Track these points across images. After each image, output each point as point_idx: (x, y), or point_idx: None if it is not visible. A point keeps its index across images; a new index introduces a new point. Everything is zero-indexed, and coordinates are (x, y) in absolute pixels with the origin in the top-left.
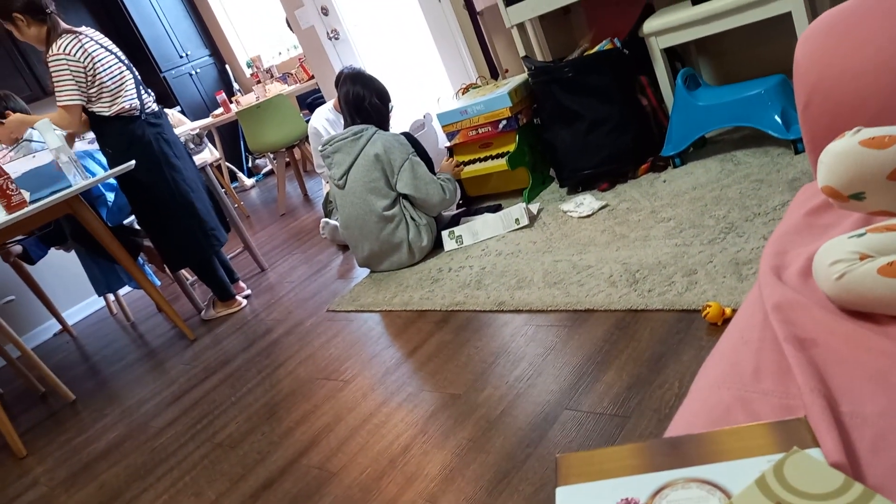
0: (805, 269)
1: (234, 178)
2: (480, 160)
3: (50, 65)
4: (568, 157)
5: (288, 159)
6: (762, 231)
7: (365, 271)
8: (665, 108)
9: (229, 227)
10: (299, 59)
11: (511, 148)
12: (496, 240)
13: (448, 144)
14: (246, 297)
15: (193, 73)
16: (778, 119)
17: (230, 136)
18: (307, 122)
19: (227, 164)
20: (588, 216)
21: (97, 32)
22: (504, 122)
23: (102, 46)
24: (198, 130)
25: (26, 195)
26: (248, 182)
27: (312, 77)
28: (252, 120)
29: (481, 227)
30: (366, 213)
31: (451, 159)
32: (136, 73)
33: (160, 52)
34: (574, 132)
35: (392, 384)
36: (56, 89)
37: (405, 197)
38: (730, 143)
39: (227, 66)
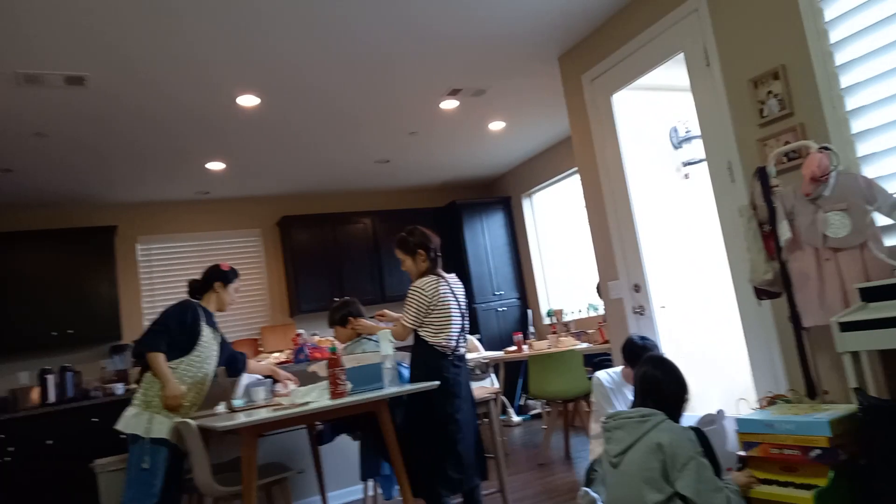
0: None
1: (503, 411)
2: (780, 484)
3: (409, 292)
4: None
5: (561, 410)
6: None
7: None
8: None
9: (486, 472)
10: (599, 322)
11: (822, 483)
12: None
13: (743, 454)
14: None
15: (499, 310)
16: None
17: (512, 372)
18: (590, 379)
19: (502, 396)
20: None
21: (457, 281)
22: (818, 451)
23: (452, 293)
24: (487, 360)
25: (348, 387)
26: (516, 419)
27: (607, 342)
28: (540, 365)
29: None
30: (634, 502)
31: (745, 471)
32: (466, 323)
33: (479, 287)
34: None
35: None
36: (404, 310)
37: (682, 499)
38: None
39: (528, 311)
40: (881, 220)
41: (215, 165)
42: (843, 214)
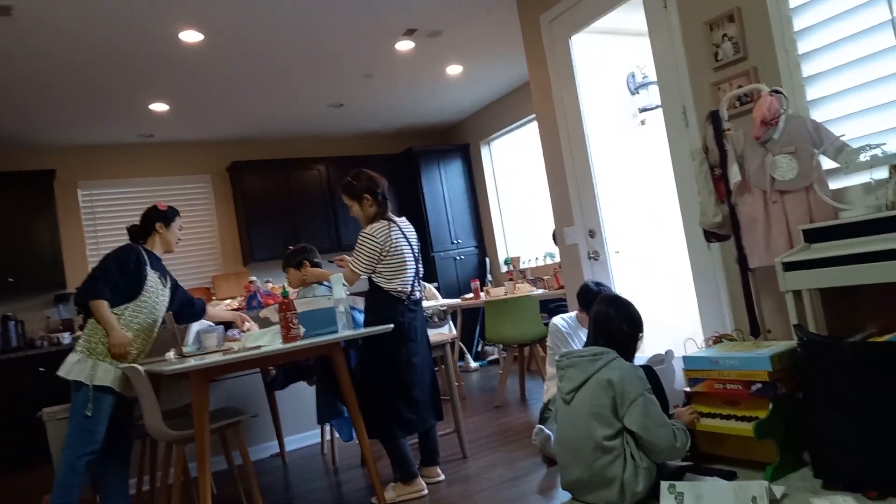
0: None
1: (461, 357)
2: (722, 417)
3: (359, 237)
4: (834, 448)
5: (516, 355)
6: None
7: (566, 495)
8: None
9: (441, 413)
10: (555, 269)
11: (762, 415)
12: None
13: (687, 390)
14: (438, 482)
15: (458, 258)
16: None
17: (470, 319)
18: (545, 325)
19: (460, 342)
20: None
21: (408, 225)
22: (759, 385)
23: (405, 237)
24: (445, 308)
25: (301, 331)
26: (473, 365)
27: (562, 287)
28: (496, 311)
29: (709, 492)
30: (584, 437)
31: (689, 408)
32: (420, 267)
33: (437, 235)
34: (847, 423)
35: None
36: (354, 256)
37: (630, 433)
38: None
39: (486, 259)
40: (827, 163)
41: (158, 107)
42: (791, 157)
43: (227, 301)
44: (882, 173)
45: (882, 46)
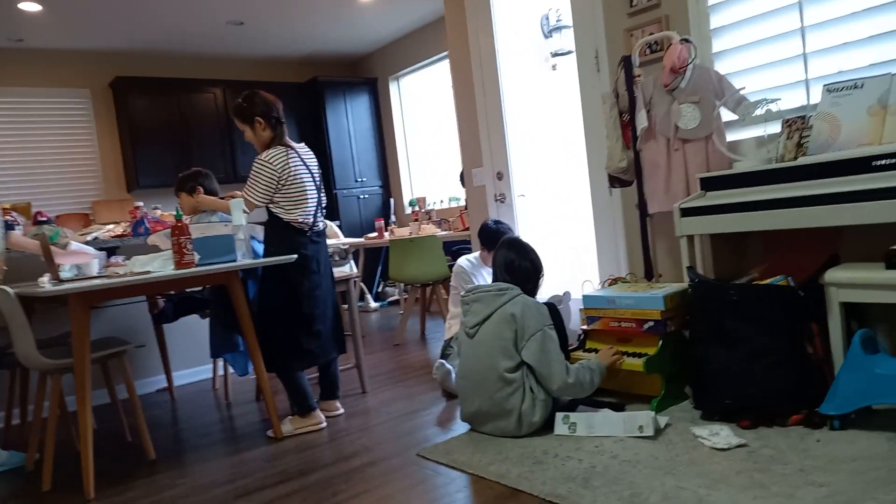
0: None
1: (361, 297)
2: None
3: (254, 165)
4: (713, 380)
5: (418, 296)
6: None
7: (466, 426)
8: (833, 362)
9: (344, 346)
10: (461, 210)
11: (651, 351)
12: (613, 440)
13: (584, 328)
14: (337, 415)
15: (361, 196)
16: None
17: (372, 259)
18: (449, 266)
19: (361, 283)
20: (723, 449)
21: (308, 151)
22: (651, 323)
23: (304, 164)
24: (347, 246)
25: (196, 258)
26: (373, 305)
27: (467, 229)
28: (401, 251)
29: (600, 421)
30: (487, 368)
31: (612, 348)
32: (322, 197)
33: (340, 173)
34: (726, 357)
35: None
36: (248, 184)
37: (529, 366)
38: None
39: (391, 199)
40: (726, 115)
41: (29, 6)
42: (695, 107)
43: (110, 226)
44: (775, 128)
45: (783, 3)
